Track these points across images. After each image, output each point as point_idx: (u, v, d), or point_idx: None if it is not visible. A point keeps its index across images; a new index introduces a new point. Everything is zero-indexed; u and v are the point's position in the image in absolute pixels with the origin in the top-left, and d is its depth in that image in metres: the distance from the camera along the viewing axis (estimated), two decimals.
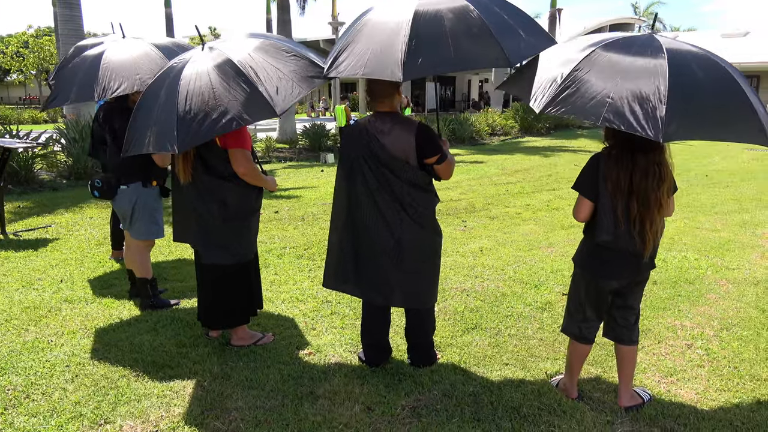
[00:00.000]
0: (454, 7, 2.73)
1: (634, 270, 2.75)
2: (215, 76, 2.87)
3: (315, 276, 4.98)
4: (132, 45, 3.89)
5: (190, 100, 2.80)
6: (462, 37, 2.64)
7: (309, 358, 3.45)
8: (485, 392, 3.05)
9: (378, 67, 2.64)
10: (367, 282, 3.14)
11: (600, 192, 2.68)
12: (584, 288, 2.92)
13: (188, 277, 4.92)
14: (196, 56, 3.06)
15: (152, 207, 4.07)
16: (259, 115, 2.91)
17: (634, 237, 2.64)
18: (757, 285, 4.78)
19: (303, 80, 3.01)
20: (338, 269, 3.23)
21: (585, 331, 2.94)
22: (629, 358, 2.92)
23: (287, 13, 16.22)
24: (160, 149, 2.86)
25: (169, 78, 3.01)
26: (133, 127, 3.12)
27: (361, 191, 3.04)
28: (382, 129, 2.98)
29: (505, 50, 2.62)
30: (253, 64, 2.93)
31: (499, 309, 4.26)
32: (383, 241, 3.04)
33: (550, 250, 5.86)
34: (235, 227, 3.36)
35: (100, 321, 3.94)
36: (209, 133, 2.77)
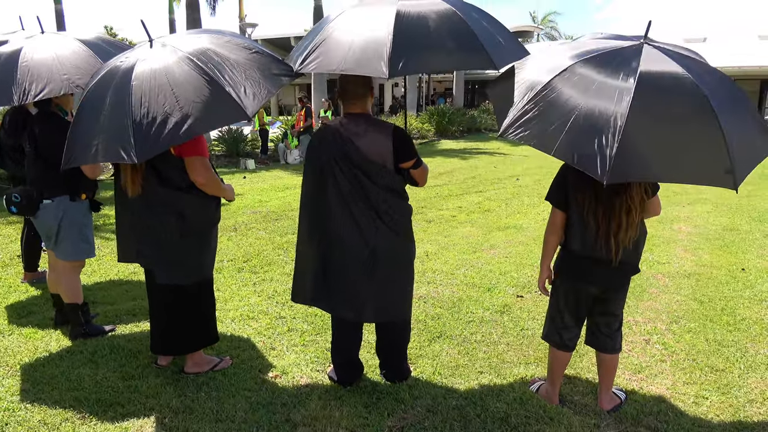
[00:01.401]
0: (437, 9, 2.64)
1: (609, 276, 2.73)
2: (174, 75, 2.55)
3: (261, 290, 4.68)
4: (55, 41, 3.42)
5: (147, 103, 2.47)
6: (447, 38, 2.55)
7: (276, 381, 3.19)
8: (469, 404, 2.95)
9: (360, 62, 2.48)
10: (338, 297, 2.94)
11: (569, 202, 2.70)
12: (563, 294, 2.90)
13: (120, 298, 4.45)
14: (146, 54, 2.71)
15: (81, 223, 3.62)
16: (228, 118, 2.66)
17: (602, 244, 2.63)
18: (689, 277, 5.06)
19: (269, 78, 2.74)
20: (308, 283, 3.01)
21: (566, 338, 2.91)
22: (611, 366, 2.93)
23: (197, 12, 15.46)
24: (113, 159, 2.51)
25: (115, 79, 2.65)
26: (74, 135, 2.73)
27: (332, 198, 2.84)
28: (356, 131, 2.81)
29: (491, 54, 2.55)
30: (214, 62, 2.64)
31: (459, 315, 4.19)
32: (357, 251, 2.85)
33: (493, 252, 5.91)
34: (193, 242, 3.04)
35: (23, 355, 3.44)
36: (172, 139, 2.45)
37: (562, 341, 2.92)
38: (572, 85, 2.40)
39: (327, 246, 2.91)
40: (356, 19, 2.69)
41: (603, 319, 2.87)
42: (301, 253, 3.04)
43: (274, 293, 4.62)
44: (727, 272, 5.24)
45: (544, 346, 3.67)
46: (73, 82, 3.21)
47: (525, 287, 4.81)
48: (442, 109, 21.55)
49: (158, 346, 3.24)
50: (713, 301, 4.50)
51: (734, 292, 4.71)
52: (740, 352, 3.61)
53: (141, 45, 2.88)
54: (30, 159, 3.57)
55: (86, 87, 2.88)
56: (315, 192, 2.90)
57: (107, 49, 3.55)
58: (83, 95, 2.81)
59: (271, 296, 4.55)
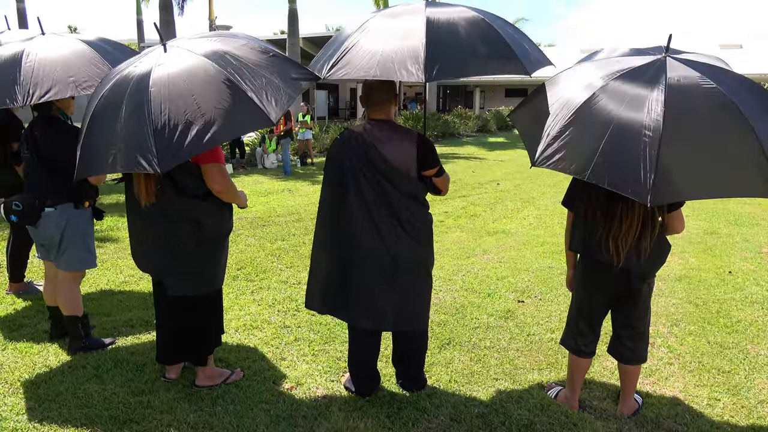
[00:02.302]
0: (466, 16, 2.65)
1: (614, 282, 2.74)
2: (193, 80, 2.45)
3: (260, 299, 4.59)
4: (59, 42, 3.27)
5: (167, 109, 2.37)
6: (480, 44, 2.55)
7: (292, 393, 3.13)
8: (491, 412, 2.94)
9: (394, 68, 2.45)
10: (356, 306, 2.89)
11: (575, 203, 2.82)
12: (578, 299, 2.96)
13: (115, 309, 4.30)
14: (162, 58, 2.60)
15: (84, 232, 3.49)
16: (252, 125, 2.58)
17: (603, 247, 2.67)
18: (681, 281, 5.18)
19: (289, 83, 2.66)
20: (325, 291, 2.96)
21: (581, 344, 2.94)
22: (632, 376, 2.95)
23: (170, 14, 15.19)
24: (133, 168, 2.40)
25: (130, 85, 2.53)
26: (87, 144, 2.61)
27: (354, 204, 2.80)
28: (381, 137, 2.78)
29: (522, 59, 2.56)
30: (234, 66, 2.55)
31: (464, 321, 4.19)
32: (377, 258, 2.82)
33: (486, 257, 5.94)
34: (207, 252, 2.95)
35: (22, 371, 3.28)
36: (195, 147, 2.35)
37: (577, 346, 2.95)
38: (602, 108, 2.36)
39: (346, 253, 2.86)
40: (385, 27, 2.67)
41: (622, 331, 2.89)
42: (317, 260, 2.99)
43: (274, 302, 4.53)
44: (715, 275, 5.38)
45: (554, 352, 3.71)
46: (79, 85, 3.08)
47: (524, 292, 4.84)
48: (417, 114, 21.62)
49: (165, 356, 3.14)
50: (707, 303, 4.61)
51: (726, 294, 4.84)
52: (742, 353, 3.71)
53: (154, 49, 2.78)
54: (30, 165, 3.41)
55: (96, 93, 2.76)
56: (335, 197, 2.85)
57: (110, 50, 3.43)
58: (94, 102, 2.69)
59: (272, 305, 4.47)
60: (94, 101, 2.71)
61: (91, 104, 2.72)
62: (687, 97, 2.30)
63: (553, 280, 5.16)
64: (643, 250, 2.63)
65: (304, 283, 5.00)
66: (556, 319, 4.27)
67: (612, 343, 2.96)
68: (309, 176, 12.23)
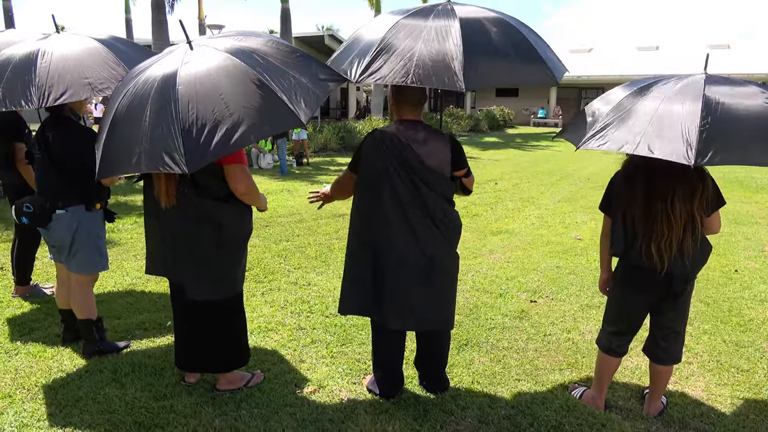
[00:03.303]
0: (494, 19, 2.66)
1: (656, 285, 2.72)
2: (221, 79, 2.40)
3: (272, 300, 4.55)
4: (73, 42, 3.19)
5: (195, 108, 2.32)
6: (512, 53, 2.56)
7: (315, 396, 3.09)
8: (518, 414, 2.93)
9: (432, 74, 2.42)
10: (392, 307, 2.86)
11: (613, 208, 2.81)
12: (615, 300, 2.94)
13: (125, 312, 4.24)
14: (189, 57, 2.53)
15: (97, 234, 3.42)
16: (281, 125, 2.52)
17: (644, 252, 2.66)
18: None
19: (317, 84, 2.60)
20: (361, 293, 2.92)
21: (614, 344, 2.94)
22: (664, 376, 2.94)
23: (162, 13, 15.03)
24: (158, 168, 2.34)
25: (156, 84, 2.47)
26: (109, 144, 2.55)
27: (389, 205, 2.77)
28: (416, 138, 2.76)
29: (551, 68, 2.58)
30: (262, 66, 2.49)
31: (479, 322, 4.18)
32: (413, 259, 2.80)
33: (493, 257, 5.94)
34: (228, 255, 2.91)
35: (38, 377, 3.22)
36: (223, 148, 2.30)
37: (610, 346, 2.94)
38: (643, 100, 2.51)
39: (382, 254, 2.83)
40: (417, 29, 2.62)
41: (659, 332, 2.88)
42: (352, 262, 2.94)
43: (285, 303, 4.49)
44: (722, 273, 5.42)
45: (573, 352, 3.71)
46: (95, 87, 3.01)
47: (536, 292, 4.84)
48: None
49: (185, 361, 3.09)
50: (718, 302, 4.64)
51: (735, 293, 4.87)
52: (759, 352, 3.73)
53: (178, 47, 2.72)
54: (41, 166, 3.34)
55: (117, 91, 2.70)
56: (370, 199, 2.82)
57: (124, 50, 3.36)
58: (116, 101, 2.63)
59: (284, 306, 4.43)
60: (116, 100, 2.65)
61: (113, 103, 2.66)
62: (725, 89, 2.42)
63: (562, 280, 5.16)
64: (686, 252, 2.61)
65: (314, 284, 4.98)
66: (570, 318, 4.27)
67: (647, 343, 2.96)
68: (306, 176, 12.17)
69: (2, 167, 4.34)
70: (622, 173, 2.78)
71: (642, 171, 2.66)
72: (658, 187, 2.60)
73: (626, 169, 2.76)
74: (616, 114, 2.55)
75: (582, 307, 4.51)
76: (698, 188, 2.58)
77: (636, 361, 3.55)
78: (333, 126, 17.75)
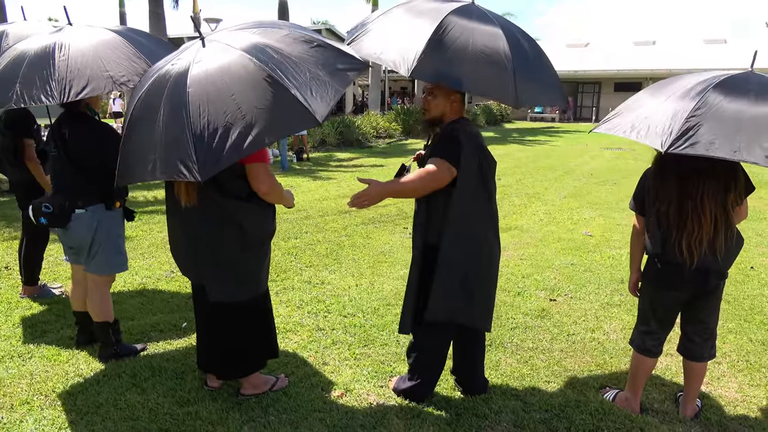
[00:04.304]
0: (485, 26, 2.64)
1: (690, 281, 2.69)
2: (233, 78, 2.27)
3: (287, 300, 4.45)
4: (90, 34, 3.06)
5: (206, 112, 2.20)
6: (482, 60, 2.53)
7: (343, 400, 3.01)
8: (553, 418, 2.86)
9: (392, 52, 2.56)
10: (481, 308, 2.87)
11: (646, 206, 2.79)
12: (648, 299, 2.88)
13: (138, 312, 4.14)
14: (200, 55, 2.41)
15: (117, 234, 3.32)
16: (296, 125, 2.41)
17: (677, 248, 2.64)
18: None
19: (335, 76, 2.46)
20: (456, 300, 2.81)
21: (648, 343, 2.88)
22: (699, 375, 2.89)
23: (160, 6, 14.79)
24: (173, 176, 2.23)
25: (168, 84, 2.36)
26: (127, 148, 2.45)
27: (484, 203, 2.78)
28: (480, 132, 2.86)
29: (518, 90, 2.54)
30: (275, 61, 2.35)
31: (501, 321, 4.11)
32: (498, 255, 2.91)
33: (506, 255, 5.86)
34: (252, 255, 2.81)
35: (55, 382, 3.11)
36: (236, 152, 2.18)
37: (645, 346, 2.89)
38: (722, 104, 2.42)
39: (482, 254, 2.82)
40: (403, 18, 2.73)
41: (692, 327, 2.84)
42: (453, 269, 2.75)
43: (301, 303, 4.40)
44: (738, 271, 5.37)
45: (599, 352, 3.64)
46: (117, 80, 2.89)
47: (554, 290, 4.78)
48: (409, 108, 21.50)
49: (210, 365, 2.99)
50: (738, 300, 4.59)
51: (754, 290, 4.83)
52: None
53: (192, 44, 2.60)
54: (57, 164, 3.23)
55: (135, 93, 2.59)
56: (470, 198, 2.71)
57: (142, 41, 3.24)
58: (133, 103, 2.52)
59: (300, 306, 4.34)
60: (133, 102, 2.54)
61: (131, 105, 2.55)
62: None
63: (579, 278, 5.10)
64: (719, 247, 2.59)
65: (328, 282, 4.90)
66: (592, 317, 4.21)
67: (681, 341, 2.92)
68: (307, 172, 12.06)
69: (10, 164, 4.22)
70: (654, 172, 2.75)
71: (673, 169, 2.63)
72: (689, 186, 2.59)
73: (658, 168, 2.72)
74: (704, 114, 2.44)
75: (603, 305, 4.44)
76: (731, 183, 2.58)
77: (666, 362, 3.49)
78: (331, 121, 17.61)
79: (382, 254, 5.79)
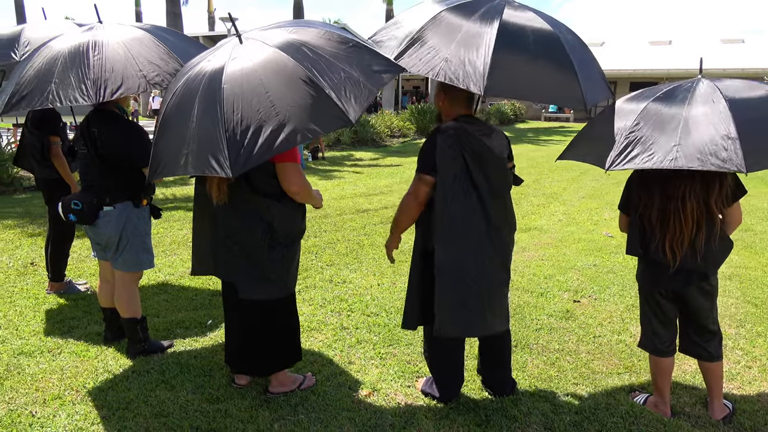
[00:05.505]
0: (541, 30, 2.60)
1: (673, 281, 2.73)
2: (268, 76, 2.27)
3: (310, 298, 4.46)
4: (123, 33, 3.08)
5: (240, 109, 2.21)
6: (545, 68, 2.52)
7: (371, 400, 3.00)
8: (584, 420, 2.84)
9: (459, 73, 2.44)
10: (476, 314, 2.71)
11: (631, 207, 2.83)
12: (644, 300, 2.94)
13: (163, 309, 4.16)
14: (236, 52, 2.42)
15: (144, 231, 3.34)
16: (330, 125, 2.37)
17: (659, 248, 2.70)
18: (731, 279, 5.10)
19: (370, 77, 2.44)
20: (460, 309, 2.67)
21: (658, 344, 2.89)
22: (714, 374, 2.88)
23: (177, 6, 14.89)
24: (204, 171, 2.23)
25: (204, 82, 2.37)
26: (160, 144, 2.46)
27: (472, 204, 2.63)
28: (483, 131, 2.70)
29: (584, 92, 2.50)
30: (311, 60, 2.34)
31: (525, 322, 4.08)
32: (496, 258, 2.72)
33: (527, 255, 5.83)
34: (281, 254, 2.81)
35: (85, 378, 3.14)
36: (268, 150, 2.18)
37: (655, 347, 2.90)
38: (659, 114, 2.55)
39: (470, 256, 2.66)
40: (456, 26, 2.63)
41: (689, 327, 2.87)
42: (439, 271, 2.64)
43: (324, 302, 4.41)
44: (763, 273, 5.30)
45: (627, 355, 3.61)
46: (150, 80, 2.91)
47: (578, 292, 4.74)
48: (423, 108, 21.45)
49: (238, 363, 3.00)
50: (766, 303, 4.53)
51: None
52: None
53: (228, 41, 2.61)
54: (86, 162, 3.25)
55: (169, 90, 2.60)
56: (453, 199, 2.62)
57: (171, 39, 3.25)
58: (167, 100, 2.53)
59: (323, 305, 4.34)
60: (167, 99, 2.56)
61: (165, 103, 2.57)
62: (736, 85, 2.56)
63: (602, 279, 5.06)
64: (698, 248, 2.63)
65: (349, 281, 4.89)
66: (617, 319, 4.17)
67: (681, 341, 2.92)
68: (323, 171, 12.08)
69: (37, 161, 4.26)
70: (638, 174, 2.79)
71: (657, 172, 2.63)
72: (670, 187, 2.63)
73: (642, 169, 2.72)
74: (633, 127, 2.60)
75: (627, 307, 4.40)
76: (714, 183, 2.60)
77: (695, 365, 3.44)
78: None
79: (403, 253, 5.76)
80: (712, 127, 2.36)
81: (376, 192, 9.52)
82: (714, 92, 2.50)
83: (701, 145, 2.33)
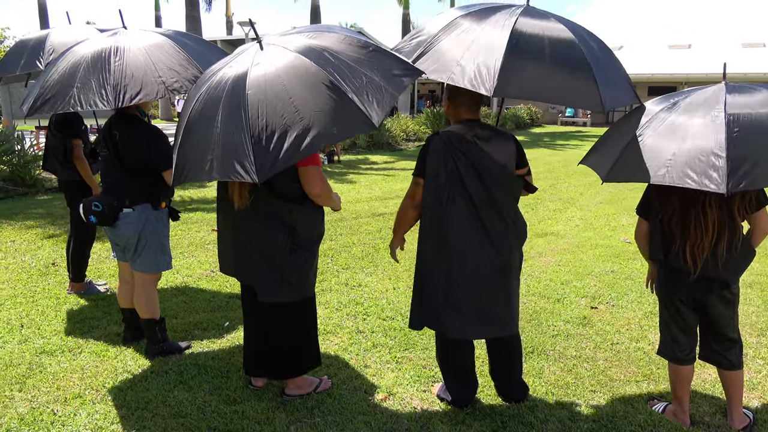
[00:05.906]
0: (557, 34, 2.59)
1: (693, 289, 2.69)
2: (290, 81, 2.30)
3: (325, 301, 4.48)
4: (145, 38, 3.14)
5: (264, 114, 2.23)
6: (559, 70, 2.51)
7: (387, 404, 3.01)
8: (601, 428, 2.81)
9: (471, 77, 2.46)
10: (469, 316, 2.76)
11: (651, 213, 2.81)
12: (664, 306, 2.90)
13: (181, 311, 4.20)
14: (258, 58, 2.45)
15: (162, 233, 3.39)
16: (353, 129, 2.41)
17: (680, 255, 2.67)
18: (752, 287, 5.02)
19: (391, 81, 2.46)
20: (435, 304, 2.79)
21: (677, 352, 2.85)
22: (734, 383, 2.84)
23: (196, 10, 15.07)
24: (229, 176, 2.27)
25: (227, 87, 2.40)
26: (185, 148, 2.49)
27: (462, 207, 2.67)
28: (482, 136, 2.71)
29: (602, 95, 2.48)
30: (333, 65, 2.37)
31: (542, 328, 4.06)
32: (489, 262, 2.72)
33: (543, 260, 5.80)
34: (302, 257, 2.83)
35: (105, 377, 3.18)
36: (293, 155, 2.21)
37: (674, 355, 2.86)
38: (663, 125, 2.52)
39: (454, 260, 2.72)
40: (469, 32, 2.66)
41: (710, 336, 2.83)
42: (426, 270, 2.82)
43: (339, 305, 4.42)
44: None
45: (646, 363, 3.57)
46: (169, 86, 2.95)
47: (595, 298, 4.70)
48: (439, 111, 21.42)
49: (257, 368, 3.02)
50: None
51: None
52: None
53: (249, 47, 2.64)
54: (107, 164, 3.30)
55: (191, 96, 2.64)
56: (441, 201, 2.71)
57: (191, 45, 3.30)
58: (190, 106, 2.56)
59: (338, 308, 4.36)
60: (189, 105, 2.59)
61: (187, 108, 2.60)
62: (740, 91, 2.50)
63: (620, 285, 5.01)
64: (720, 255, 2.59)
65: (365, 285, 4.91)
66: (636, 327, 4.13)
67: (701, 348, 2.89)
68: (339, 174, 12.11)
69: (60, 163, 4.34)
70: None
71: None
72: (690, 193, 2.58)
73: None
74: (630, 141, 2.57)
75: (646, 314, 4.36)
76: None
77: (715, 374, 3.40)
78: None
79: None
80: (703, 142, 2.32)
81: (392, 195, 9.53)
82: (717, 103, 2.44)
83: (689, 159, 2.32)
